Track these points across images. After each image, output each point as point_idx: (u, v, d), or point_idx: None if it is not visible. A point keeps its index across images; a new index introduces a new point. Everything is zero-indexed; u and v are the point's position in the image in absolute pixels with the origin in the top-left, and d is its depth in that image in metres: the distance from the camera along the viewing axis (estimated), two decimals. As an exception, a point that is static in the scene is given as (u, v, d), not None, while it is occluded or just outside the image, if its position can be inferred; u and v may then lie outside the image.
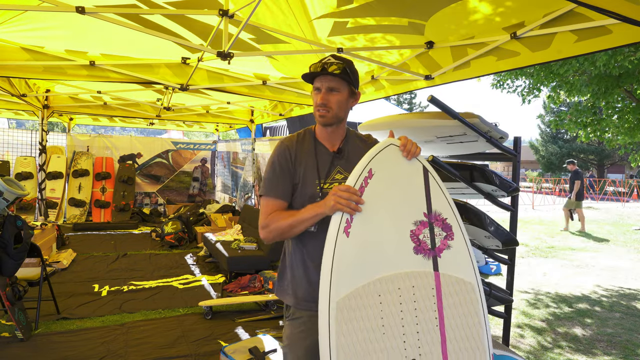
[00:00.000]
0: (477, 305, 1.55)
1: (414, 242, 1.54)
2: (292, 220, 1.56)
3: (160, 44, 3.74)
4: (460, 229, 1.59)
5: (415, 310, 1.50)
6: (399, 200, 1.56)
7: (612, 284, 6.14)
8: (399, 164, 1.59)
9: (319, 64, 1.63)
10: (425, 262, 1.53)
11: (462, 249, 1.58)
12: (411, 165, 1.60)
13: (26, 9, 2.92)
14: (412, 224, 1.55)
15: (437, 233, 1.56)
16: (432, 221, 1.57)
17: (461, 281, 1.55)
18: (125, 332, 3.63)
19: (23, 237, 3.48)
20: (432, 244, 1.55)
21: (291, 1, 2.91)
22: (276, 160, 1.68)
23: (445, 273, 1.54)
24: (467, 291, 1.55)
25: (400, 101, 33.13)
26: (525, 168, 40.10)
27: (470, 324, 1.53)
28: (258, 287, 4.78)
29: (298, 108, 6.11)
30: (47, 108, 7.27)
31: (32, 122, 17.12)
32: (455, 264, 1.56)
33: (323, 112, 1.65)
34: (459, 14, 2.64)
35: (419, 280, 1.52)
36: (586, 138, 7.08)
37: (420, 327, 1.49)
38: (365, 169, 1.54)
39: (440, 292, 1.53)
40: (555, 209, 16.96)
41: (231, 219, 7.62)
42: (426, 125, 2.34)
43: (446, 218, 1.59)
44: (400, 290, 1.50)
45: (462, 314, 1.54)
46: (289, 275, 1.72)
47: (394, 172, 1.58)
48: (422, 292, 1.52)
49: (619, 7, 1.61)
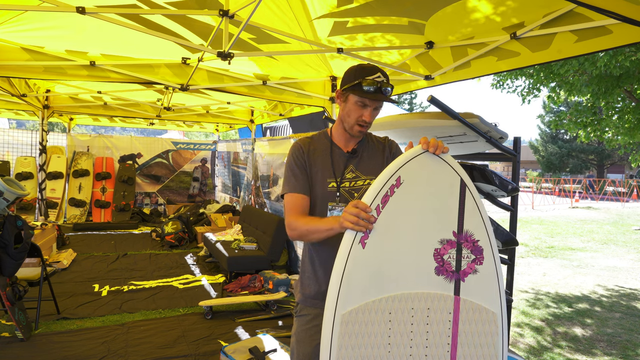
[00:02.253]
0: (497, 338, 1.43)
1: (437, 261, 1.42)
2: (310, 226, 1.55)
3: (160, 44, 3.74)
4: (492, 254, 1.46)
5: (427, 333, 1.41)
6: (427, 214, 1.43)
7: (612, 284, 6.14)
8: (433, 175, 1.44)
9: (373, 81, 1.59)
10: (447, 284, 1.42)
11: (490, 275, 1.45)
12: (447, 178, 1.45)
13: (26, 9, 2.91)
14: (437, 242, 1.42)
15: (464, 255, 1.44)
16: (461, 242, 1.44)
17: (483, 309, 1.43)
18: (126, 332, 3.63)
19: (23, 237, 3.48)
20: (457, 267, 1.43)
21: (291, 1, 2.91)
22: (292, 160, 1.72)
23: (466, 299, 1.43)
24: (488, 321, 1.43)
25: (400, 101, 33.14)
26: (525, 168, 40.11)
27: (486, 356, 1.43)
28: (258, 287, 4.78)
29: (298, 108, 6.11)
30: (47, 108, 7.27)
31: (33, 122, 17.13)
32: (479, 291, 1.44)
33: (364, 129, 1.67)
34: (459, 14, 2.64)
35: (435, 303, 1.42)
36: (586, 138, 7.08)
37: (429, 351, 1.40)
38: (393, 177, 1.39)
39: (458, 317, 1.42)
40: (555, 209, 16.96)
41: (231, 219, 7.62)
42: (426, 125, 2.34)
43: (478, 240, 1.45)
44: (414, 310, 1.41)
45: (479, 344, 1.43)
46: (300, 272, 1.79)
47: (425, 183, 1.43)
48: (438, 315, 1.42)
49: (619, 7, 1.61)
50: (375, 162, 1.75)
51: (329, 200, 1.67)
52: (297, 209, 1.64)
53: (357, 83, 1.61)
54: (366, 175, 1.71)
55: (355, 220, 1.33)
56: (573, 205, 18.84)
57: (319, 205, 1.68)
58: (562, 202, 19.99)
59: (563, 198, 21.92)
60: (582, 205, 19.22)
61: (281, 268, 5.54)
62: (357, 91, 1.60)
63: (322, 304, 1.62)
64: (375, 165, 1.74)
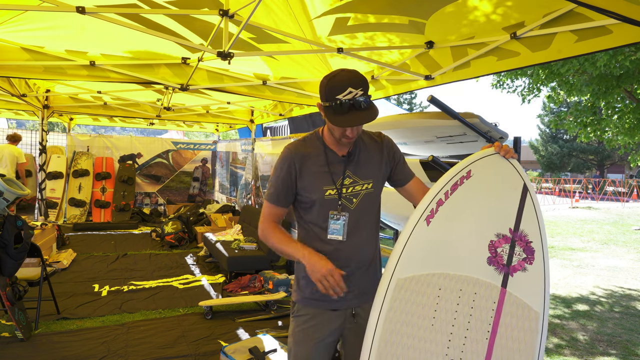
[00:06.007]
0: (536, 337, 1.49)
1: (490, 252, 1.53)
2: (280, 246, 1.65)
3: (160, 43, 3.74)
4: (542, 258, 1.54)
5: (471, 316, 1.49)
6: (488, 208, 1.56)
7: (612, 284, 6.14)
8: (500, 174, 1.59)
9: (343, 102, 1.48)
10: (496, 275, 1.51)
11: (538, 276, 1.53)
12: (512, 179, 1.58)
13: (26, 9, 2.91)
14: (494, 235, 1.54)
15: (516, 252, 1.53)
16: (516, 239, 1.54)
17: (527, 307, 1.51)
18: (126, 332, 3.63)
19: (23, 237, 3.48)
20: (509, 261, 1.52)
21: (291, 1, 2.91)
22: (279, 169, 1.67)
23: (512, 293, 1.51)
24: (529, 319, 1.50)
25: (400, 101, 33.12)
26: (526, 168, 39.91)
27: (522, 351, 1.47)
28: (258, 287, 4.78)
29: (298, 108, 6.11)
30: (47, 108, 7.27)
31: (32, 122, 17.12)
32: (525, 288, 1.51)
33: (349, 141, 1.61)
34: (459, 14, 2.64)
35: (482, 290, 1.51)
36: (586, 138, 7.08)
37: (469, 334, 1.48)
38: (465, 169, 1.56)
39: (501, 309, 1.50)
40: (555, 209, 16.97)
41: (231, 219, 7.62)
42: (426, 125, 2.34)
43: (531, 242, 1.54)
44: (462, 292, 1.50)
45: (517, 339, 1.49)
46: (296, 273, 1.76)
47: (492, 180, 1.58)
48: (483, 302, 1.50)
49: (619, 7, 1.61)
50: (372, 165, 1.71)
51: (329, 207, 1.63)
52: (272, 217, 1.71)
53: (328, 106, 1.52)
54: (364, 180, 1.67)
55: (327, 285, 1.51)
56: (573, 205, 18.84)
57: (317, 209, 1.64)
58: (562, 202, 19.99)
59: (563, 198, 21.93)
60: (582, 205, 19.22)
61: (281, 268, 5.54)
62: (330, 116, 1.51)
63: (319, 303, 1.64)
64: (372, 169, 1.70)
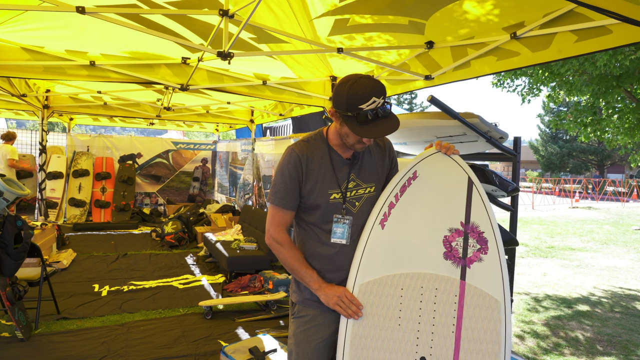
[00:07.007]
0: (500, 325, 1.52)
1: (445, 247, 1.58)
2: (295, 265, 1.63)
3: (160, 43, 3.73)
4: (496, 245, 1.59)
5: (435, 312, 1.54)
6: (438, 205, 1.62)
7: (612, 284, 6.14)
8: (444, 172, 1.65)
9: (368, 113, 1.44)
10: (454, 269, 1.57)
11: (494, 265, 1.57)
12: (456, 176, 1.64)
13: (26, 9, 2.91)
14: (447, 230, 1.59)
15: (470, 244, 1.58)
16: (468, 232, 1.59)
17: (487, 296, 1.54)
18: (126, 332, 3.63)
19: (23, 237, 3.47)
20: (464, 254, 1.57)
21: (291, 0, 2.91)
22: (286, 170, 1.62)
23: (471, 284, 1.55)
24: (491, 308, 1.53)
25: (400, 101, 33.13)
26: (525, 168, 40.09)
27: (489, 340, 1.52)
28: (258, 287, 4.78)
29: (298, 108, 6.11)
30: (47, 108, 7.26)
31: (32, 122, 17.12)
32: (484, 278, 1.55)
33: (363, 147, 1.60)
34: (459, 14, 2.64)
35: (443, 285, 1.55)
36: (586, 138, 7.08)
37: (436, 329, 1.53)
38: (410, 171, 1.63)
39: (463, 301, 1.54)
40: (555, 209, 16.96)
41: (231, 219, 7.62)
42: (426, 125, 2.34)
43: (483, 232, 1.59)
44: (423, 289, 1.55)
45: (482, 328, 1.53)
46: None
47: (437, 178, 1.64)
48: (445, 296, 1.55)
49: (619, 7, 1.61)
50: (375, 169, 1.71)
51: (333, 211, 1.62)
52: (283, 225, 1.65)
53: (350, 116, 1.47)
54: (367, 184, 1.67)
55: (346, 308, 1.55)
56: (573, 205, 18.84)
57: (320, 212, 1.64)
58: (562, 202, 19.99)
59: (563, 198, 21.93)
60: (582, 205, 19.22)
61: (281, 268, 5.54)
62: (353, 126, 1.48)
63: (320, 305, 1.63)
64: (375, 172, 1.70)
